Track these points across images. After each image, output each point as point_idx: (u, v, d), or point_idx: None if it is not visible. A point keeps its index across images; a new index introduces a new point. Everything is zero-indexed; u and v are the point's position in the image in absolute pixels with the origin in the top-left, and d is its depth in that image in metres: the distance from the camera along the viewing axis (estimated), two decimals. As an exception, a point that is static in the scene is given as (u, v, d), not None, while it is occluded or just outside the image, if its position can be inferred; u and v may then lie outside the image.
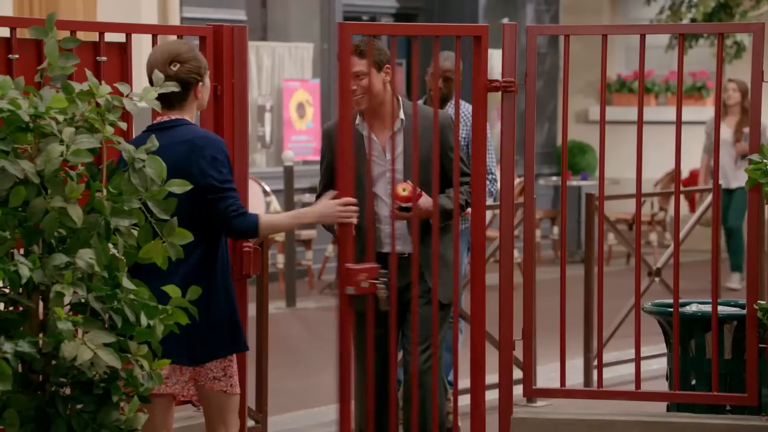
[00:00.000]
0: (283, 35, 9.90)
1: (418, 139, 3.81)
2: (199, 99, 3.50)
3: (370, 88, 3.84)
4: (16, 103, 2.77)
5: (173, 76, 3.40)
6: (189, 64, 3.44)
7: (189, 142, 3.40)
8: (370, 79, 3.83)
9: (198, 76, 3.46)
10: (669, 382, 4.13)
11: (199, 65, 3.46)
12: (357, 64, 3.85)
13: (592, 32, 4.15)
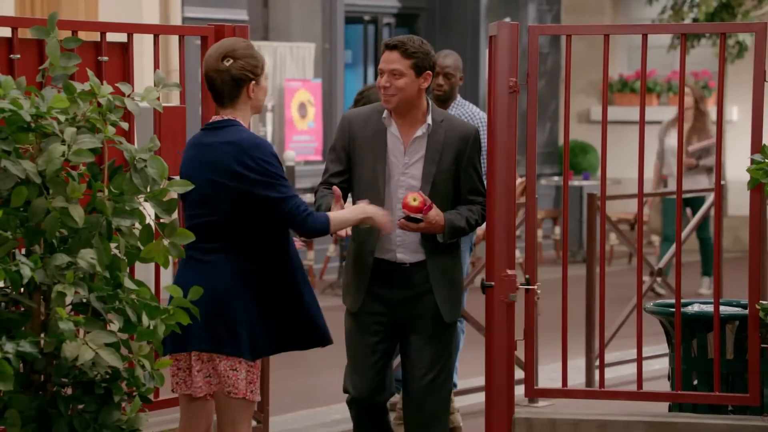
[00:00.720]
0: (285, 35, 9.90)
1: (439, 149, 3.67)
2: (252, 99, 3.37)
3: (402, 88, 3.65)
4: (17, 103, 2.77)
5: (225, 72, 3.30)
6: (243, 61, 3.31)
7: (231, 145, 3.29)
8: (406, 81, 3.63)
9: (252, 75, 3.33)
10: (671, 383, 4.12)
11: (255, 64, 3.34)
12: (396, 62, 3.65)
13: (594, 32, 4.14)
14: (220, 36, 3.92)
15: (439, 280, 3.69)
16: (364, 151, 3.70)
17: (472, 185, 3.75)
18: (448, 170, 3.70)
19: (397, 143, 3.72)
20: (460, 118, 3.99)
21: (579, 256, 9.64)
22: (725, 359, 4.03)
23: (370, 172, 3.68)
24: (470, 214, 3.74)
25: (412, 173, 3.70)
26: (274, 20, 9.88)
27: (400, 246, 3.72)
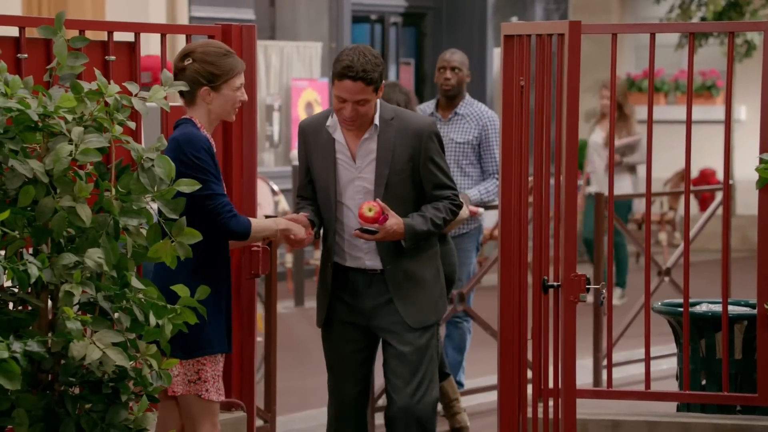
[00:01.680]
0: (292, 34, 9.90)
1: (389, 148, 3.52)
2: (210, 105, 3.37)
3: (367, 113, 3.53)
4: (25, 103, 2.77)
5: (181, 71, 3.34)
6: (198, 64, 3.33)
7: (173, 141, 3.36)
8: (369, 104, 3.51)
9: (204, 80, 3.32)
10: (679, 382, 4.11)
11: (212, 71, 3.33)
12: (361, 92, 3.49)
13: (602, 31, 4.12)
14: (228, 35, 3.92)
15: (400, 286, 3.57)
16: (317, 160, 3.64)
17: (435, 180, 3.58)
18: (404, 169, 3.54)
19: (344, 150, 3.61)
20: (416, 113, 3.84)
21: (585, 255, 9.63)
22: (734, 359, 4.01)
23: (323, 180, 3.62)
24: (435, 213, 3.57)
25: (365, 177, 3.58)
26: (280, 19, 9.88)
27: (369, 252, 3.60)
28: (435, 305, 3.63)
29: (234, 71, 3.36)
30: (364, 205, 3.49)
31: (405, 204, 3.54)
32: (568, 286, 3.31)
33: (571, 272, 3.33)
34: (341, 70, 3.49)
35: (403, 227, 3.51)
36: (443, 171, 3.58)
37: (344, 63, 3.48)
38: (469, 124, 5.14)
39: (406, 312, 3.56)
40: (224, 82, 3.35)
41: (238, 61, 3.40)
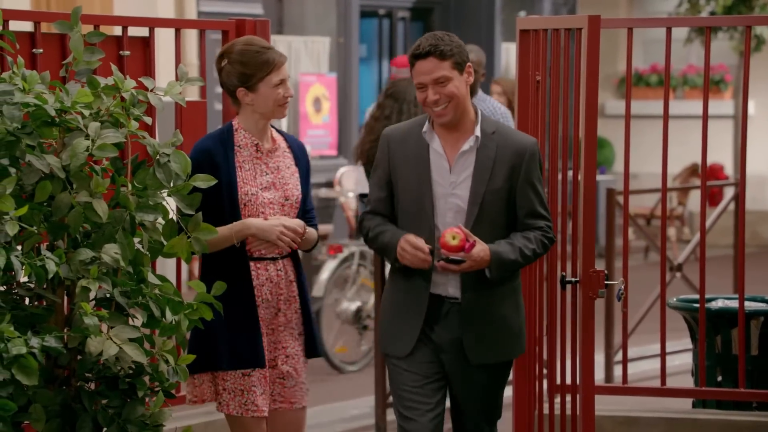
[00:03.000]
0: (299, 29, 9.88)
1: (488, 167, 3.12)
2: (251, 105, 3.25)
3: (454, 93, 3.12)
4: (42, 98, 2.76)
5: (219, 73, 3.27)
6: (230, 66, 3.23)
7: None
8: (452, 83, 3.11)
9: (237, 81, 3.21)
10: (695, 379, 4.09)
11: (242, 70, 3.21)
12: (436, 69, 3.11)
13: (620, 25, 4.09)
14: (241, 31, 3.90)
15: (472, 319, 3.16)
16: (406, 173, 3.20)
17: (529, 207, 3.18)
18: (501, 189, 3.15)
19: (441, 160, 3.19)
20: (516, 129, 3.42)
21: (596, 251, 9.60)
22: (750, 355, 4.00)
23: (414, 196, 3.18)
24: (525, 244, 3.16)
25: (459, 194, 3.17)
26: (288, 14, 9.86)
27: (453, 278, 3.19)
28: (509, 344, 3.21)
29: (268, 68, 3.23)
30: (447, 233, 3.11)
31: (495, 229, 3.17)
32: (587, 282, 3.29)
33: (590, 268, 3.31)
34: (411, 53, 3.17)
35: (489, 255, 3.12)
36: (540, 198, 3.20)
37: (411, 48, 3.18)
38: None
39: (471, 348, 3.16)
40: (259, 81, 3.24)
41: (273, 57, 3.25)
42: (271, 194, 3.29)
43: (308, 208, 3.38)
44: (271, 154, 3.32)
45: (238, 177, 3.25)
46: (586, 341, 3.35)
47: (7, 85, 2.69)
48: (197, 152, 3.23)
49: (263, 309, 3.29)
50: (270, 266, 3.30)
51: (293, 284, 3.33)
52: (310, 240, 3.36)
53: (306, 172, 3.37)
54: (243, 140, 3.29)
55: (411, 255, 3.12)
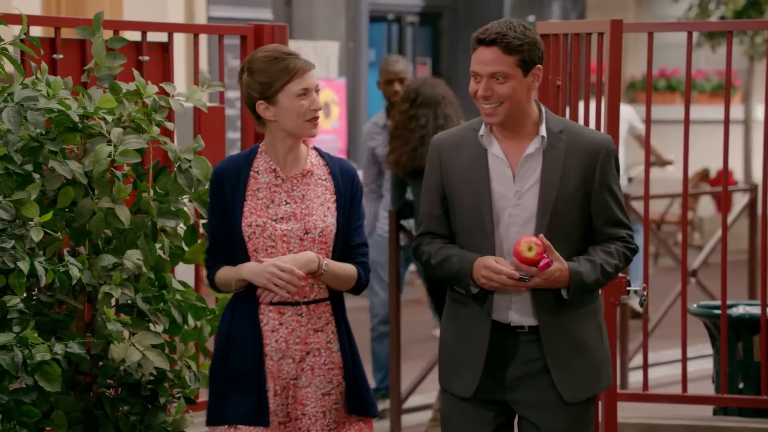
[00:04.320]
0: (309, 34, 9.88)
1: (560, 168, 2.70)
2: (274, 122, 2.80)
3: (509, 96, 2.68)
4: (65, 104, 2.75)
5: (241, 87, 2.86)
6: (248, 78, 2.83)
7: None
8: (511, 84, 2.66)
9: (255, 94, 2.80)
10: (716, 385, 4.07)
11: (258, 80, 2.80)
12: (496, 62, 2.65)
13: (641, 29, 4.09)
14: (260, 36, 3.89)
15: (557, 349, 2.71)
16: (461, 184, 2.76)
17: (608, 214, 2.74)
18: (574, 196, 2.71)
19: (502, 167, 2.75)
20: (585, 126, 2.95)
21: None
22: (771, 362, 3.98)
23: (472, 210, 2.74)
24: (607, 260, 2.71)
25: (525, 204, 2.73)
26: (297, 19, 9.87)
27: (517, 302, 2.74)
28: (597, 375, 2.76)
29: (288, 75, 2.78)
30: (523, 242, 2.65)
31: (569, 241, 2.72)
32: (608, 287, 3.26)
33: (615, 276, 3.28)
34: (475, 36, 2.69)
35: (568, 275, 2.68)
36: (619, 203, 2.76)
37: (479, 30, 2.70)
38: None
39: (563, 383, 2.70)
40: (279, 91, 2.79)
41: (295, 63, 2.81)
42: (288, 226, 2.81)
43: (354, 243, 2.86)
44: (298, 180, 2.84)
45: (246, 206, 2.81)
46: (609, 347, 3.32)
47: (31, 91, 2.68)
48: (213, 175, 2.87)
49: (273, 360, 2.79)
50: (287, 311, 2.80)
51: (321, 334, 2.82)
52: (340, 279, 2.81)
53: (350, 201, 2.86)
54: (262, 165, 2.85)
55: (499, 282, 2.66)
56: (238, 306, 2.84)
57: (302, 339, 2.82)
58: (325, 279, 2.82)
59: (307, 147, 2.89)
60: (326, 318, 2.84)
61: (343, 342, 2.85)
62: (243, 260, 2.82)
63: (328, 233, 2.83)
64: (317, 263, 2.80)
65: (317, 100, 2.84)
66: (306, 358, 2.82)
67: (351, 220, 2.87)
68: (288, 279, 2.76)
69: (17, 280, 2.60)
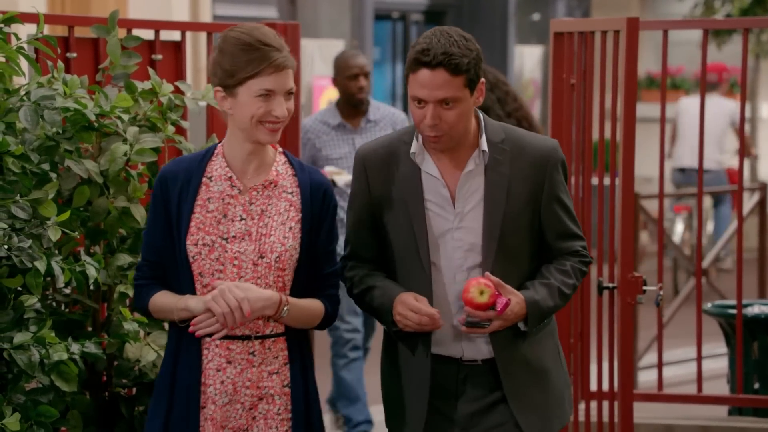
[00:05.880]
0: (313, 32, 9.87)
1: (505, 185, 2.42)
2: (231, 116, 2.38)
3: (458, 122, 2.38)
4: (82, 103, 2.73)
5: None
6: (218, 57, 2.38)
7: None
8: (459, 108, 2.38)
9: (216, 79, 2.38)
10: (731, 385, 4.06)
11: (221, 64, 2.36)
12: (445, 86, 2.35)
13: (656, 27, 4.08)
14: (272, 33, 3.88)
15: (515, 380, 2.44)
16: (392, 205, 2.44)
17: (560, 228, 2.47)
18: (522, 214, 2.43)
19: (438, 187, 2.44)
20: (529, 132, 2.58)
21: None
22: (788, 361, 3.98)
23: (405, 234, 2.43)
24: (564, 280, 2.46)
25: (468, 226, 2.43)
26: (302, 17, 9.85)
27: (464, 337, 2.46)
28: (560, 403, 2.51)
29: (253, 69, 2.30)
30: (472, 287, 2.37)
31: (520, 263, 2.45)
32: (625, 287, 3.25)
33: (629, 273, 3.27)
34: (414, 56, 2.37)
35: (525, 307, 2.41)
36: (570, 214, 2.49)
37: (418, 48, 2.37)
38: (386, 129, 4.65)
39: (524, 417, 2.43)
40: (239, 84, 2.32)
41: (265, 57, 2.31)
42: (240, 247, 2.35)
43: (324, 272, 2.41)
44: (258, 192, 2.38)
45: (194, 220, 2.36)
46: (624, 347, 3.32)
47: (47, 90, 2.67)
48: (157, 179, 2.43)
49: (216, 405, 2.36)
50: (235, 347, 2.35)
51: (277, 377, 2.37)
52: (301, 320, 2.37)
53: (319, 221, 2.39)
54: (217, 170, 2.40)
55: (416, 323, 2.38)
56: (182, 338, 2.39)
57: (254, 382, 2.36)
58: (283, 320, 2.37)
59: (275, 150, 2.43)
60: (283, 357, 2.37)
61: (303, 386, 2.38)
62: (185, 284, 2.36)
63: (287, 259, 2.35)
64: (276, 310, 2.33)
65: (281, 106, 2.34)
66: (258, 405, 2.37)
67: (320, 243, 2.40)
68: (233, 307, 2.28)
69: (34, 279, 2.58)
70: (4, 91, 2.68)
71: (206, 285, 2.36)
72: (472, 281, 2.40)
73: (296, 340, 2.39)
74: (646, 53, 11.99)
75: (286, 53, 2.36)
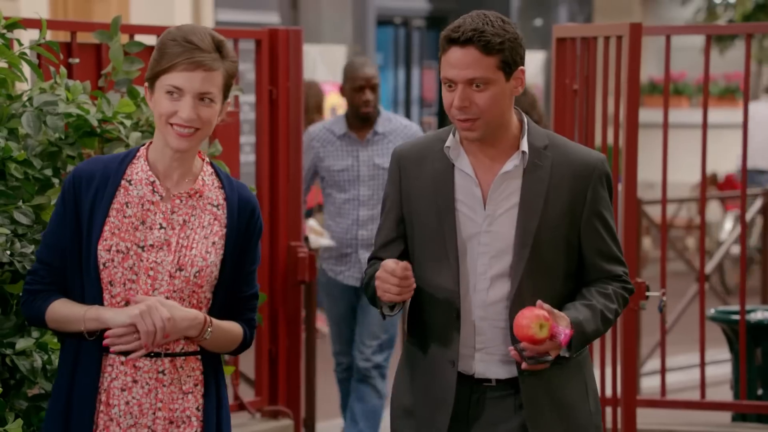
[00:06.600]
0: (316, 37, 9.87)
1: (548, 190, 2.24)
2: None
3: (490, 107, 2.21)
4: (84, 108, 2.73)
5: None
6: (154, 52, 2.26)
7: None
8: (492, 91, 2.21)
9: (147, 72, 2.26)
10: (734, 391, 4.05)
11: (153, 58, 2.25)
12: (474, 65, 2.18)
13: (659, 32, 4.07)
14: (274, 40, 3.89)
15: (540, 408, 2.24)
16: (421, 203, 2.29)
17: (602, 247, 2.27)
18: (558, 225, 2.24)
19: (470, 186, 2.28)
20: (573, 142, 2.40)
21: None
22: (791, 368, 3.97)
23: (433, 234, 2.27)
24: (606, 304, 2.25)
25: (499, 232, 2.25)
26: (304, 22, 9.86)
27: (481, 349, 2.26)
28: None
29: (168, 62, 2.15)
30: (533, 323, 2.14)
31: (552, 280, 2.25)
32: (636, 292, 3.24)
33: (632, 279, 3.25)
34: (445, 33, 2.23)
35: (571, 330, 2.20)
36: (613, 235, 2.29)
37: (450, 26, 2.24)
38: (395, 143, 4.31)
39: None
40: (156, 77, 2.18)
41: (184, 52, 2.15)
42: (157, 257, 2.18)
43: (244, 295, 2.24)
44: (182, 201, 2.22)
45: (108, 224, 2.18)
46: (628, 353, 3.31)
47: (50, 96, 2.66)
48: (69, 177, 2.23)
49: (120, 428, 2.16)
50: (143, 365, 2.17)
51: (191, 397, 2.19)
52: (220, 345, 2.21)
53: (244, 240, 2.22)
54: (139, 173, 2.23)
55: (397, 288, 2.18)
56: (81, 355, 2.18)
57: (165, 404, 2.18)
58: (201, 344, 2.19)
59: (202, 161, 2.27)
60: (196, 377, 2.20)
61: (217, 408, 2.22)
62: (90, 293, 2.16)
63: (207, 275, 2.19)
64: (199, 331, 2.17)
65: (188, 109, 2.15)
66: (169, 428, 2.18)
67: (242, 263, 2.22)
68: (158, 328, 2.10)
69: (36, 285, 2.56)
70: (7, 96, 2.68)
71: (116, 295, 2.16)
72: (526, 314, 2.16)
73: (210, 358, 2.22)
74: (648, 59, 12.00)
75: (214, 56, 2.16)
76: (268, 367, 3.82)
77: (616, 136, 3.48)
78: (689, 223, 10.13)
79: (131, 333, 2.14)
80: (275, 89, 3.84)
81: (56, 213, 2.23)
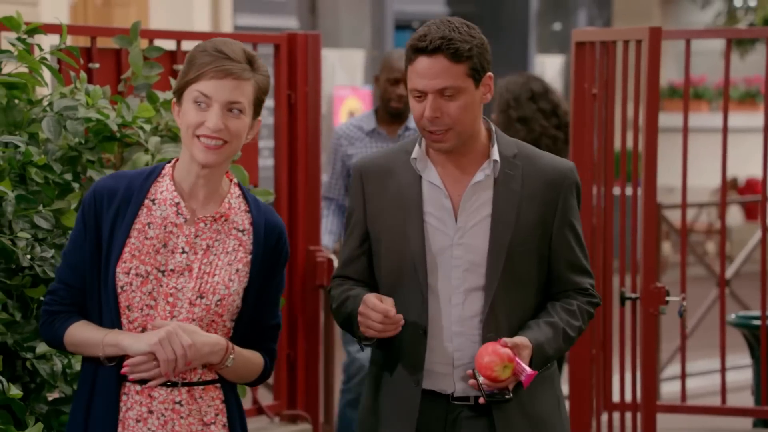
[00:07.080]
0: (334, 42, 9.90)
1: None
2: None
3: (462, 116, 2.16)
4: (104, 113, 2.75)
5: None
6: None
7: None
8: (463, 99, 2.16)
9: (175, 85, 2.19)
10: (755, 397, 4.03)
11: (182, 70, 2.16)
12: (444, 74, 2.13)
13: (679, 36, 4.06)
14: (293, 44, 3.90)
15: (514, 423, 2.20)
16: (388, 217, 2.22)
17: (571, 258, 2.24)
18: (531, 236, 2.20)
19: (439, 197, 2.21)
20: (543, 151, 2.33)
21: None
22: (813, 373, 3.93)
23: (400, 249, 2.20)
24: (570, 322, 2.22)
25: (471, 244, 2.19)
26: (322, 27, 9.88)
27: (460, 366, 2.20)
28: None
29: (196, 71, 2.07)
30: (493, 364, 2.10)
31: (526, 293, 2.21)
32: (647, 297, 3.22)
33: (651, 284, 3.24)
34: (411, 43, 2.17)
35: (531, 353, 2.17)
36: (582, 246, 2.26)
37: (415, 35, 2.17)
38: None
39: None
40: (184, 88, 2.09)
41: (213, 62, 2.06)
42: (179, 283, 2.08)
43: (268, 324, 2.15)
44: (206, 225, 2.12)
45: (128, 245, 2.09)
46: (647, 358, 3.30)
47: (70, 100, 2.68)
48: (90, 193, 2.13)
49: None
50: (159, 395, 2.07)
51: (213, 428, 2.10)
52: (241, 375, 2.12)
53: (270, 268, 2.12)
54: (163, 192, 2.13)
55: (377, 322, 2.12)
56: (98, 382, 2.09)
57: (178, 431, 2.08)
58: (222, 372, 2.10)
59: (230, 182, 2.16)
60: (216, 407, 2.10)
61: None
62: (108, 317, 2.07)
63: (228, 304, 2.09)
64: (221, 358, 2.07)
65: (216, 118, 2.05)
66: None
67: (266, 292, 2.13)
68: (179, 355, 2.00)
69: (56, 289, 2.58)
70: (27, 101, 2.70)
71: (133, 320, 2.06)
72: (489, 350, 2.11)
73: (229, 386, 2.12)
74: (668, 63, 11.96)
75: (245, 67, 2.07)
76: (286, 371, 3.82)
77: (636, 141, 3.46)
78: (709, 228, 10.08)
79: (150, 360, 2.04)
80: (294, 94, 3.85)
81: (76, 230, 2.14)
